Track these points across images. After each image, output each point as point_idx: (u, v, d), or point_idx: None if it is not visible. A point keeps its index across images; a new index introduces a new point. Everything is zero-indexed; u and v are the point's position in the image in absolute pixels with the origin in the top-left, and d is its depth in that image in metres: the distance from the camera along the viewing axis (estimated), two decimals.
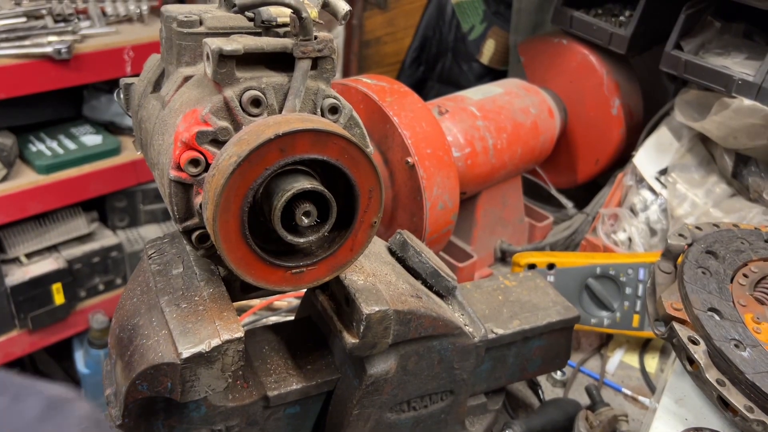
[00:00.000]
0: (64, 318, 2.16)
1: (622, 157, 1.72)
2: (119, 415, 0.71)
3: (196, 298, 0.72)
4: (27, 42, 1.82)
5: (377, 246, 0.93)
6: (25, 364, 2.40)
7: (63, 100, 2.20)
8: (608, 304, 1.26)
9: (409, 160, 1.23)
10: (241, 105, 0.66)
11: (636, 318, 1.25)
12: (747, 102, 1.32)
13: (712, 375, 0.78)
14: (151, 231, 2.36)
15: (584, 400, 1.13)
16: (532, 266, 1.29)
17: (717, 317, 0.83)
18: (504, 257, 1.60)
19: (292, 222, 0.65)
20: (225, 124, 0.66)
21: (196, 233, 0.71)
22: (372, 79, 1.35)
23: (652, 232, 1.51)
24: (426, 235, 1.28)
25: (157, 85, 0.80)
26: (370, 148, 0.78)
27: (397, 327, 0.79)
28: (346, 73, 2.74)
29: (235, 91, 0.66)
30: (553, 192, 1.79)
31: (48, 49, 1.82)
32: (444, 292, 0.93)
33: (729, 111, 1.35)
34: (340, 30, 2.63)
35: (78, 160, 2.06)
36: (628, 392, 1.24)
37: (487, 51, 2.25)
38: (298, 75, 0.68)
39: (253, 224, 0.65)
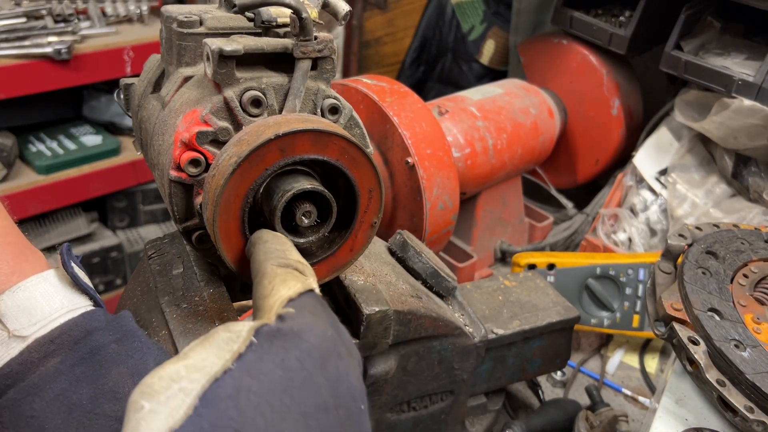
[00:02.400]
0: None
1: (622, 158, 1.72)
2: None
3: (197, 299, 0.72)
4: (27, 42, 1.82)
5: (377, 246, 0.93)
6: None
7: (63, 101, 2.20)
8: (608, 305, 1.26)
9: (409, 161, 1.23)
10: (241, 105, 0.66)
11: (636, 318, 1.25)
12: (747, 102, 1.32)
13: (712, 375, 0.78)
14: (151, 231, 2.35)
15: (584, 401, 1.13)
16: (532, 266, 1.29)
17: (717, 317, 0.83)
18: (504, 257, 1.60)
19: (292, 222, 0.65)
20: (225, 124, 0.66)
21: (196, 234, 0.71)
22: (372, 80, 1.35)
23: (652, 232, 1.51)
24: (426, 236, 1.28)
25: (157, 86, 0.80)
26: (370, 149, 0.78)
27: (397, 327, 0.79)
28: (346, 74, 2.74)
29: (235, 91, 0.66)
30: (553, 192, 1.79)
31: (48, 50, 1.82)
32: (444, 293, 0.93)
33: (729, 111, 1.35)
34: (340, 30, 2.63)
35: (78, 160, 2.05)
36: (628, 392, 1.24)
37: (487, 51, 2.25)
38: (298, 75, 0.68)
39: (253, 225, 0.64)
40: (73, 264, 0.62)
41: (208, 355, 0.43)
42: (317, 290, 0.55)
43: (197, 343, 0.45)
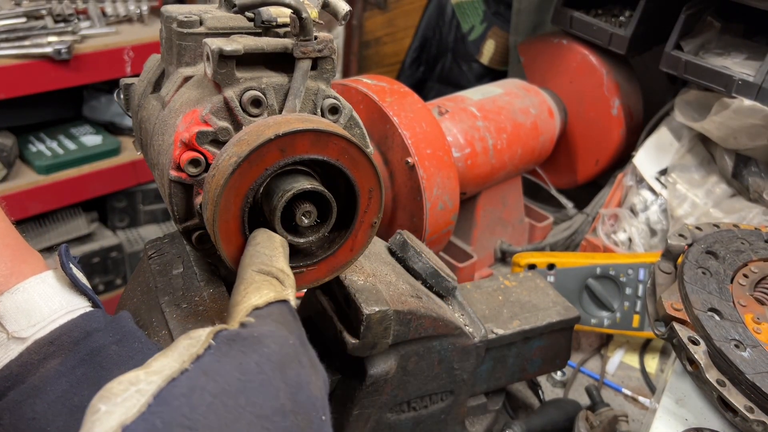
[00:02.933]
0: None
1: (622, 158, 1.72)
2: None
3: (196, 299, 0.72)
4: (27, 42, 1.82)
5: (377, 246, 0.93)
6: None
7: (63, 101, 2.20)
8: (608, 305, 1.26)
9: (409, 161, 1.23)
10: (241, 105, 0.66)
11: (636, 318, 1.25)
12: (747, 102, 1.32)
13: (712, 375, 0.78)
14: (151, 231, 2.35)
15: (584, 401, 1.13)
16: (532, 266, 1.29)
17: (717, 317, 0.83)
18: (504, 257, 1.60)
19: (292, 222, 0.65)
20: (225, 124, 0.66)
21: (196, 234, 0.71)
22: (372, 80, 1.35)
23: (652, 232, 1.51)
24: (426, 236, 1.28)
25: (157, 86, 0.80)
26: (370, 149, 0.78)
27: (397, 327, 0.79)
28: (346, 74, 2.74)
29: (235, 91, 0.66)
30: (553, 192, 1.79)
31: (48, 50, 1.82)
32: (444, 293, 0.93)
33: (729, 111, 1.35)
34: (340, 30, 2.63)
35: (78, 160, 2.05)
36: (628, 392, 1.24)
37: (487, 51, 2.25)
38: (298, 75, 0.68)
39: (253, 224, 0.64)
40: (71, 265, 0.62)
41: (168, 361, 0.44)
42: (292, 301, 0.54)
43: (161, 353, 0.45)
